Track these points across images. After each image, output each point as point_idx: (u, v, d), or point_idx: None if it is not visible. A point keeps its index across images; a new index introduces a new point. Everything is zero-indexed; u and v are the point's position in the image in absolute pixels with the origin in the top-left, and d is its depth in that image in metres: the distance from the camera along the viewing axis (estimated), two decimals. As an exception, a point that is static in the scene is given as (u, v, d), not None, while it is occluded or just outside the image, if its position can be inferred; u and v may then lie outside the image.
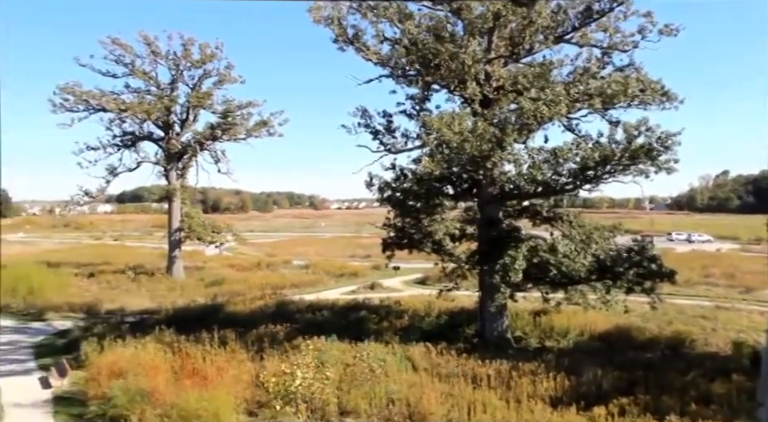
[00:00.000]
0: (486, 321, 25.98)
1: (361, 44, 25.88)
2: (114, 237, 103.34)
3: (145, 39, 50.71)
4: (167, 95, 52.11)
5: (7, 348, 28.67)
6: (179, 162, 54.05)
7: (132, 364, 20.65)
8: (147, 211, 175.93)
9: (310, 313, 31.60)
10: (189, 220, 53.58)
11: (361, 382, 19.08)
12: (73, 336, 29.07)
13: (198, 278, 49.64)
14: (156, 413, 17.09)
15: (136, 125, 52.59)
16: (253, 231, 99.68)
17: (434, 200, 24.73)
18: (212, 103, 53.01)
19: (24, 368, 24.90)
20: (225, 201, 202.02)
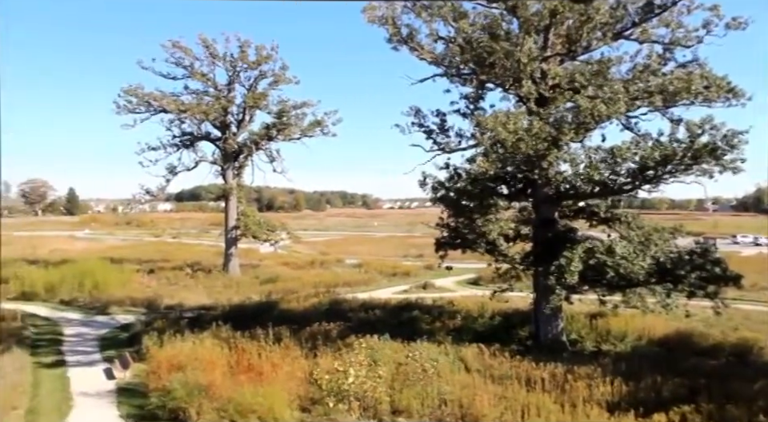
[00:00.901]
0: (541, 323, 25.59)
1: (415, 43, 25.87)
2: (173, 235, 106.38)
3: (203, 42, 52.02)
4: (224, 96, 53.29)
5: (75, 339, 29.96)
6: (236, 162, 55.18)
7: (190, 358, 21.23)
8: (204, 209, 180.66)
9: (363, 312, 31.81)
10: (244, 219, 54.63)
11: (413, 381, 19.07)
12: (134, 329, 30.12)
13: (253, 275, 50.60)
14: (213, 407, 17.53)
15: (195, 125, 54.02)
16: (306, 230, 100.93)
17: (488, 200, 24.51)
18: (267, 103, 53.93)
19: (90, 360, 25.95)
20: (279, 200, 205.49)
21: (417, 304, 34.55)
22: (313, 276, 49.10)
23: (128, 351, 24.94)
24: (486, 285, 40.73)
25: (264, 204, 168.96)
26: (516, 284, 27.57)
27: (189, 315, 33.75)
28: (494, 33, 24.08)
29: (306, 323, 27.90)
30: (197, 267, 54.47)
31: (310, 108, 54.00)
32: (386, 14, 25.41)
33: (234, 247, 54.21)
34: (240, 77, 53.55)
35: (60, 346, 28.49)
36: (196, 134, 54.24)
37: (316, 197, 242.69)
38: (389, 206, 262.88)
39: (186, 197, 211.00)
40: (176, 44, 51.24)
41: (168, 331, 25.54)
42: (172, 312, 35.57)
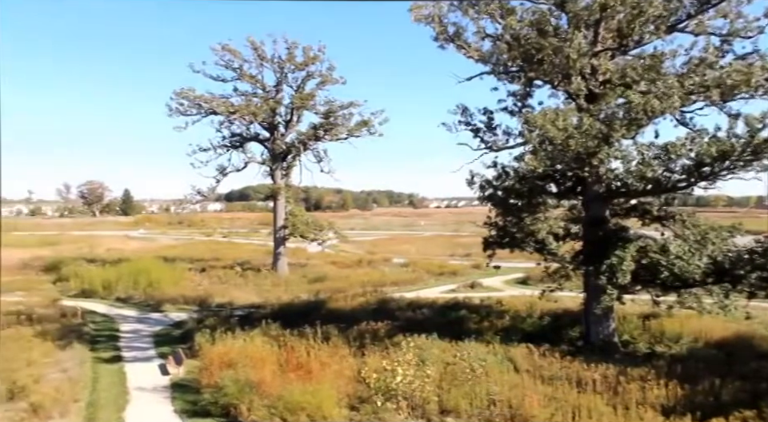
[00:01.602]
0: (592, 324, 25.10)
1: (462, 41, 25.72)
2: (223, 234, 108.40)
3: (252, 44, 52.88)
4: (272, 97, 54.07)
5: (131, 336, 30.92)
6: (284, 162, 55.92)
7: (241, 355, 21.62)
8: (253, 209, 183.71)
9: (411, 311, 31.83)
10: (293, 219, 55.30)
11: (461, 381, 18.99)
12: (187, 327, 30.84)
13: (301, 274, 51.16)
14: (263, 404, 17.82)
15: (243, 126, 54.93)
16: (353, 229, 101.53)
17: (536, 198, 24.19)
18: (315, 104, 54.45)
19: (145, 355, 26.74)
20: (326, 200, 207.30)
21: (464, 303, 34.35)
22: (360, 275, 49.33)
23: (181, 348, 25.58)
24: (534, 285, 40.18)
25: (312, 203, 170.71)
26: (565, 284, 27.08)
27: (239, 313, 34.37)
28: (543, 29, 23.70)
29: (353, 322, 28.07)
30: (246, 266, 55.39)
31: (356, 108, 54.32)
32: (433, 13, 25.34)
33: (282, 246, 54.95)
34: (288, 78, 54.25)
35: (117, 342, 29.45)
36: (245, 135, 55.20)
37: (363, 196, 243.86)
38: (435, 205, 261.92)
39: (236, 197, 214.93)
40: (225, 47, 52.29)
41: (219, 328, 26.02)
42: (223, 310, 36.29)
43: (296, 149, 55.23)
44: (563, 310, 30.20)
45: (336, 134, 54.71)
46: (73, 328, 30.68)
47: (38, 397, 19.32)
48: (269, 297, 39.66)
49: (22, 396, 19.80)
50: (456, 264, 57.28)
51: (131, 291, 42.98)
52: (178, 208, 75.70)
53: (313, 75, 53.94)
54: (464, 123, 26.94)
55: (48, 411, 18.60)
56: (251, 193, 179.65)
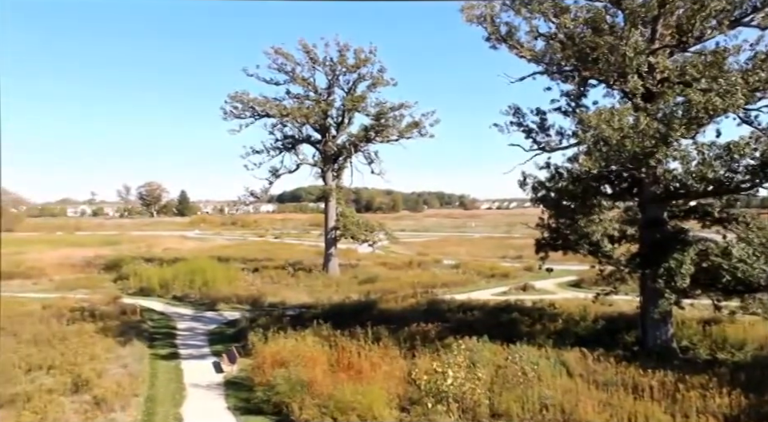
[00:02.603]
0: (648, 328, 24.40)
1: (514, 41, 25.43)
2: (276, 235, 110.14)
3: (304, 47, 53.50)
4: (324, 99, 54.61)
5: (187, 333, 31.78)
6: (335, 164, 56.40)
7: (293, 354, 21.93)
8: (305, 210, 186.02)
9: (461, 313, 31.63)
10: (344, 220, 55.71)
11: (513, 385, 18.78)
12: (240, 325, 31.49)
13: (352, 275, 51.52)
14: (315, 403, 18.04)
15: (296, 128, 55.64)
16: (404, 230, 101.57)
17: (591, 199, 23.66)
18: (366, 106, 54.70)
19: (200, 353, 27.43)
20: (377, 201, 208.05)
21: (516, 305, 33.94)
22: (411, 276, 49.34)
23: (235, 346, 26.13)
24: (588, 288, 39.40)
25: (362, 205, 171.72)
26: (621, 287, 26.42)
27: (291, 313, 34.88)
28: (598, 28, 23.19)
29: (404, 323, 28.08)
30: (298, 266, 56.13)
31: (407, 109, 54.32)
32: (485, 13, 25.13)
33: (333, 247, 55.43)
34: (339, 80, 54.69)
35: (174, 339, 30.32)
36: (297, 137, 55.92)
37: (413, 197, 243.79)
38: (486, 207, 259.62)
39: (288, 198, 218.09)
40: (278, 50, 53.06)
41: (272, 328, 26.49)
42: (275, 309, 36.89)
43: (347, 150, 55.63)
44: (618, 314, 29.50)
45: (387, 136, 54.86)
46: (132, 325, 31.74)
47: (101, 391, 20.11)
48: (320, 297, 40.09)
49: (86, 388, 20.66)
50: (507, 266, 56.69)
51: (187, 290, 44.18)
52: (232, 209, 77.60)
53: (364, 77, 54.25)
54: (516, 124, 26.59)
55: (110, 404, 19.32)
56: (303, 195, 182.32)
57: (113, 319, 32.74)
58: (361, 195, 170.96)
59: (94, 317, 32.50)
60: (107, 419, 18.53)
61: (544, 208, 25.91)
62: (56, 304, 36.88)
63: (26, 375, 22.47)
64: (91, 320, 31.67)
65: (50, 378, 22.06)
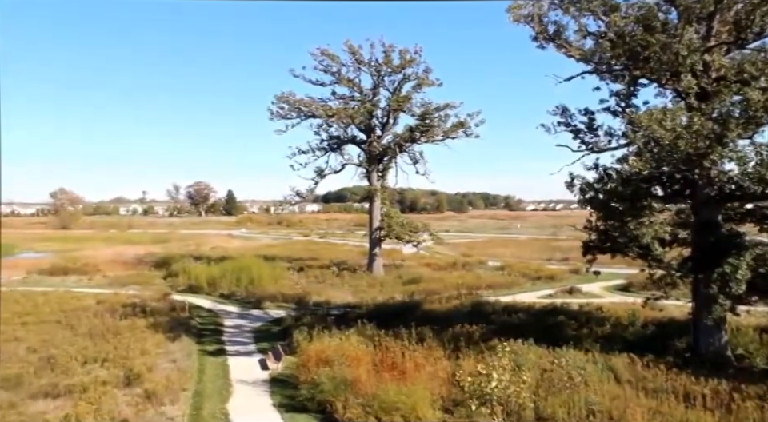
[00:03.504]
0: (701, 335, 23.66)
1: (562, 40, 25.01)
2: (320, 235, 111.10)
3: (350, 49, 53.88)
4: (369, 100, 54.89)
5: (233, 331, 32.35)
6: (380, 164, 56.61)
7: (337, 353, 22.06)
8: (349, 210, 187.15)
9: (506, 315, 31.28)
10: (388, 220, 55.84)
11: (559, 389, 18.49)
12: (286, 324, 31.89)
13: (396, 275, 51.55)
14: (358, 402, 18.08)
15: (341, 129, 56.11)
16: (448, 231, 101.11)
17: (641, 201, 23.07)
18: (411, 106, 54.79)
19: (246, 350, 27.88)
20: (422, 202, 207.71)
21: (562, 308, 33.38)
22: (455, 277, 49.07)
23: (280, 344, 26.45)
24: (637, 292, 38.52)
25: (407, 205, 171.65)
26: (671, 292, 25.71)
27: (335, 312, 35.11)
28: (650, 25, 22.59)
29: (448, 324, 27.94)
30: (342, 266, 56.50)
31: (452, 109, 54.25)
32: (532, 12, 24.79)
33: (378, 247, 55.61)
34: (384, 81, 54.91)
35: (221, 336, 30.88)
36: (342, 138, 56.35)
37: (458, 198, 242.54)
38: (532, 208, 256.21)
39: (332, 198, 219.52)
40: (324, 51, 53.60)
41: (316, 327, 26.74)
42: (320, 308, 37.21)
43: (392, 151, 55.77)
44: (669, 319, 28.74)
45: (432, 136, 54.80)
46: (181, 322, 32.49)
47: (152, 384, 20.68)
48: (364, 297, 40.26)
49: (137, 382, 21.29)
50: (553, 268, 55.93)
51: (234, 288, 44.96)
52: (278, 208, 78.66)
53: (409, 78, 54.32)
54: (564, 124, 26.14)
55: (160, 398, 19.83)
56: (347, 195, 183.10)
57: (163, 315, 33.59)
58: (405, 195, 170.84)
59: (145, 313, 33.41)
60: (157, 412, 19.00)
61: (592, 209, 25.40)
62: (110, 300, 38.08)
63: (82, 367, 23.32)
64: (142, 316, 32.56)
65: (104, 371, 22.83)
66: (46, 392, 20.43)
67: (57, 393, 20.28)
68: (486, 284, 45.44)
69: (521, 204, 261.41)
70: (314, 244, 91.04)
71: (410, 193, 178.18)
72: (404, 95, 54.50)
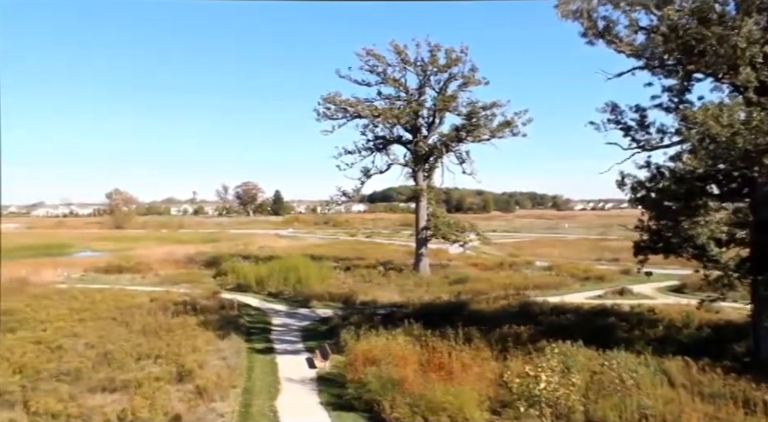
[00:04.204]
0: (762, 339, 22.77)
1: (612, 36, 24.42)
2: (367, 234, 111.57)
3: (395, 49, 53.87)
4: (415, 100, 54.80)
5: (281, 329, 32.80)
6: (426, 164, 56.44)
7: (384, 353, 22.11)
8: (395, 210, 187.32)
9: (554, 316, 30.81)
10: (434, 220, 55.66)
11: (609, 392, 18.10)
12: (333, 323, 32.14)
13: (442, 275, 51.33)
14: (405, 402, 18.09)
15: (387, 129, 56.12)
16: (495, 231, 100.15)
17: (696, 200, 22.38)
18: (457, 105, 54.44)
19: (294, 348, 28.22)
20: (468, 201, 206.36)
21: (612, 310, 32.68)
22: (502, 277, 48.60)
23: (327, 343, 26.66)
24: (691, 293, 37.36)
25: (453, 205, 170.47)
26: (729, 294, 24.83)
27: (382, 311, 35.16)
28: (705, 18, 21.84)
29: (495, 324, 27.68)
30: (389, 266, 56.57)
31: (499, 108, 53.62)
32: (581, 8, 24.28)
33: (424, 247, 55.48)
34: (430, 80, 54.66)
35: (269, 334, 31.34)
36: (388, 138, 56.42)
37: (505, 198, 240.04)
38: (580, 207, 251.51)
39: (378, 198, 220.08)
40: (370, 52, 53.75)
41: (363, 326, 26.84)
42: (366, 308, 37.35)
43: (438, 150, 55.55)
44: (726, 322, 27.84)
45: (478, 135, 54.37)
46: (230, 320, 33.09)
47: (202, 381, 21.13)
48: (411, 297, 40.22)
49: (189, 378, 21.79)
50: (603, 268, 54.80)
51: (281, 287, 45.56)
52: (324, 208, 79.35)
53: (455, 77, 53.95)
54: (614, 121, 25.54)
55: (211, 394, 20.26)
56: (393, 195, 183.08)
57: (213, 313, 34.28)
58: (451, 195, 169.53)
59: (195, 311, 34.13)
60: (208, 408, 19.41)
61: (643, 209, 24.79)
62: (162, 298, 39.08)
63: (136, 363, 23.99)
64: (193, 314, 33.28)
65: (158, 367, 23.43)
66: (104, 386, 21.12)
67: (113, 387, 20.94)
68: (533, 285, 44.88)
69: (569, 203, 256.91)
70: (361, 243, 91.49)
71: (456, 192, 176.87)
72: (450, 94, 54.20)
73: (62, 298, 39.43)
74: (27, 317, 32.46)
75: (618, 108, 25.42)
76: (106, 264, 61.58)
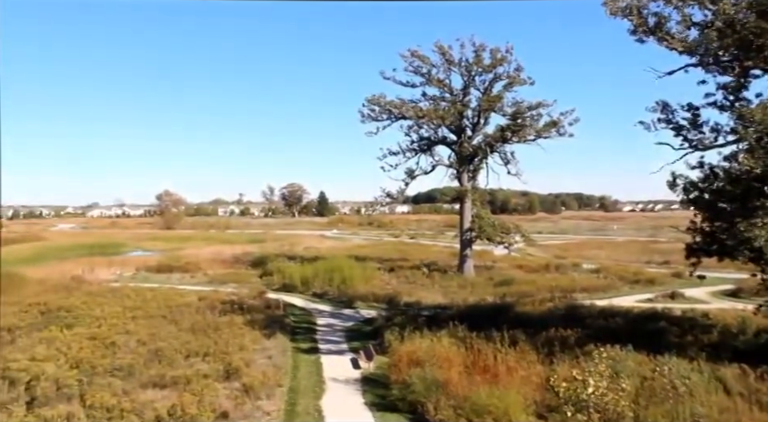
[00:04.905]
0: (823, 346, 21.84)
1: (663, 33, 23.77)
2: (411, 236, 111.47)
3: (440, 49, 53.72)
4: (460, 100, 54.53)
5: (326, 329, 33.04)
6: (470, 164, 56.10)
7: (428, 354, 22.03)
8: (439, 211, 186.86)
9: (602, 319, 30.12)
10: (479, 221, 55.27)
11: (661, 399, 17.61)
12: (377, 324, 32.18)
13: (487, 277, 50.92)
14: (450, 404, 17.97)
15: (431, 130, 56.03)
16: (540, 232, 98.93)
17: (753, 201, 21.56)
18: (502, 106, 53.96)
19: (338, 349, 28.37)
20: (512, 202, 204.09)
21: (663, 314, 31.80)
22: (548, 279, 47.89)
23: (371, 343, 26.71)
24: (747, 298, 36.10)
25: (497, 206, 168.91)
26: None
27: (426, 313, 35.01)
28: (764, 11, 21.06)
29: (541, 327, 27.26)
30: (433, 267, 56.41)
31: (545, 108, 52.96)
32: (631, 4, 23.73)
33: (468, 248, 55.12)
34: (475, 81, 54.35)
35: (313, 334, 31.60)
36: (433, 139, 56.30)
37: (550, 199, 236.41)
38: (629, 209, 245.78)
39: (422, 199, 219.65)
40: (414, 53, 53.75)
41: (407, 327, 26.79)
42: (410, 309, 37.29)
43: (483, 151, 55.17)
44: (785, 328, 26.72)
45: (524, 136, 53.75)
46: (276, 319, 33.48)
47: (249, 379, 21.42)
48: (455, 298, 40.01)
49: (236, 376, 22.14)
50: (653, 271, 53.46)
51: (326, 287, 45.91)
52: (369, 209, 79.69)
53: (500, 77, 53.51)
54: (665, 121, 24.86)
55: (257, 392, 20.54)
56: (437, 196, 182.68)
57: (259, 312, 34.74)
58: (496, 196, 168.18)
59: (242, 310, 34.68)
60: (254, 406, 19.67)
61: (696, 210, 24.05)
62: (210, 297, 39.84)
63: (185, 360, 24.50)
64: (240, 313, 33.80)
65: (206, 364, 23.86)
66: (155, 382, 21.66)
67: (164, 384, 21.45)
68: (580, 287, 44.08)
69: (617, 204, 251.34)
70: (405, 244, 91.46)
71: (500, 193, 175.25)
72: (495, 95, 53.75)
73: (115, 296, 40.62)
74: (83, 314, 33.59)
75: (668, 107, 24.74)
76: (156, 263, 63.34)
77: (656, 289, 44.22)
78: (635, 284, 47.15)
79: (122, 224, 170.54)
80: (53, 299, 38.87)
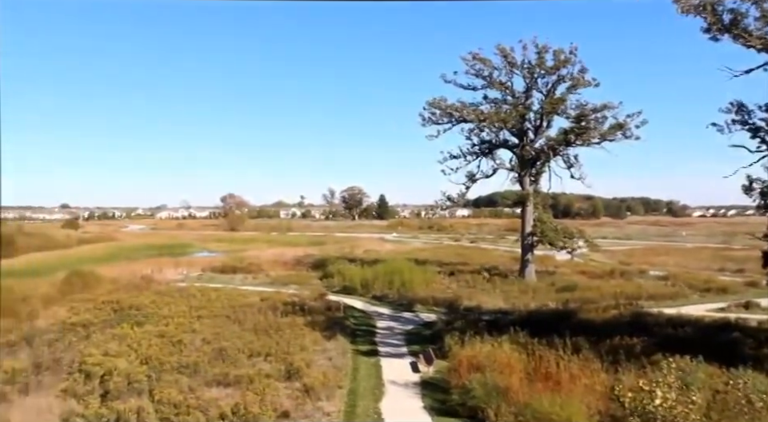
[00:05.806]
0: None
1: (740, 30, 22.83)
2: (471, 240, 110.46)
3: (501, 52, 53.10)
4: (522, 103, 53.77)
5: (385, 332, 33.16)
6: (532, 168, 55.28)
7: (489, 360, 21.81)
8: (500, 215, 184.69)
9: (670, 328, 29.09)
10: (541, 225, 54.32)
11: (735, 414, 16.80)
12: (437, 328, 32.10)
13: (549, 282, 49.97)
14: (510, 410, 17.74)
15: (493, 133, 55.51)
16: (605, 238, 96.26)
17: (836, 207, 20.50)
18: (565, 108, 52.87)
19: (398, 352, 28.41)
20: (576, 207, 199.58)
21: (737, 324, 30.44)
22: (612, 286, 46.53)
23: (431, 347, 26.64)
24: (831, 310, 34.16)
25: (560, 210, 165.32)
26: None
27: (486, 317, 34.68)
28: None
29: (605, 335, 26.53)
30: (493, 271, 55.79)
31: (610, 110, 51.45)
32: (705, 1, 22.90)
33: (530, 253, 54.27)
34: (537, 83, 53.52)
35: (373, 337, 31.77)
36: (494, 142, 55.77)
37: (615, 203, 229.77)
38: (699, 214, 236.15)
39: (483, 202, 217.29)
40: (476, 55, 53.34)
41: (468, 331, 26.59)
42: (470, 313, 36.99)
43: (545, 154, 54.25)
44: None
45: (588, 139, 52.48)
46: (336, 321, 33.86)
47: (310, 380, 21.76)
48: (516, 304, 39.53)
49: (296, 376, 22.53)
50: (726, 279, 51.24)
51: (386, 290, 46.12)
52: (429, 213, 79.65)
53: (564, 79, 52.43)
54: (740, 122, 23.93)
55: (317, 393, 20.85)
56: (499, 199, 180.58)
57: (319, 314, 35.21)
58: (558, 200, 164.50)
59: (303, 311, 35.21)
60: (315, 407, 19.96)
61: (774, 216, 22.99)
62: (272, 298, 40.67)
63: (248, 359, 25.13)
64: (301, 314, 34.34)
65: (268, 364, 24.40)
66: (219, 380, 22.30)
67: (227, 382, 22.04)
68: (647, 295, 42.66)
69: (686, 209, 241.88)
70: (465, 248, 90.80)
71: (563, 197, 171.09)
72: (558, 97, 52.71)
73: (182, 295, 41.98)
74: (152, 312, 34.94)
75: (744, 107, 23.80)
76: (221, 264, 65.07)
77: (729, 298, 42.30)
78: (706, 293, 45.30)
79: (188, 226, 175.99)
80: (124, 297, 40.59)
